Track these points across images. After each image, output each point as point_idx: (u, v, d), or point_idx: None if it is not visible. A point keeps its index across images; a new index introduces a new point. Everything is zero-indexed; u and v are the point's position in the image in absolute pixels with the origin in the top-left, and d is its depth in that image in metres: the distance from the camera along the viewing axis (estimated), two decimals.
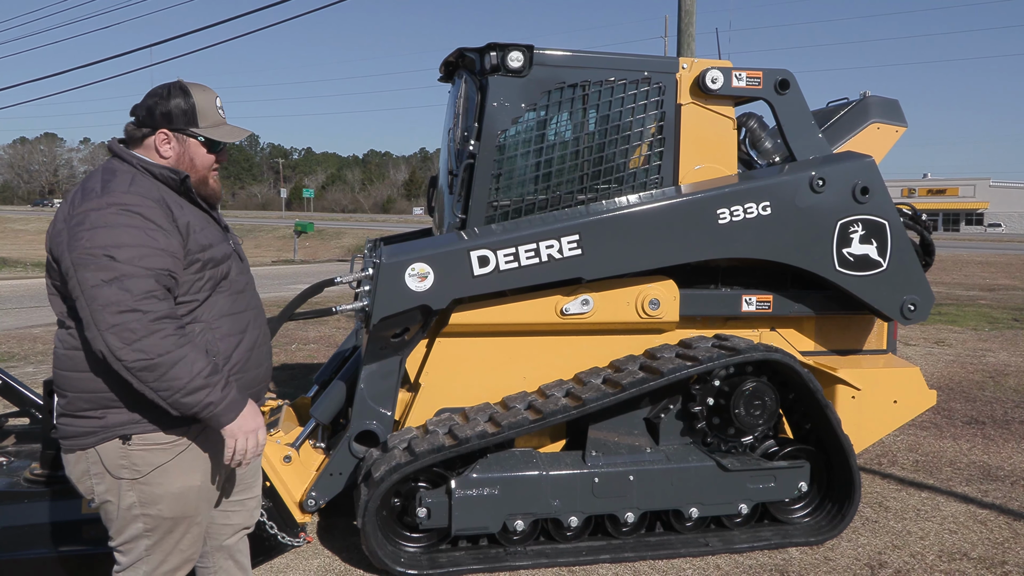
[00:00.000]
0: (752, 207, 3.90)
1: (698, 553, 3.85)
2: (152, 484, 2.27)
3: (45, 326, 10.99)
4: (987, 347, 9.64)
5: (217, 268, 2.34)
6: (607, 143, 4.04)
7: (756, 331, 4.30)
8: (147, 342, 2.06)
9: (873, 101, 4.71)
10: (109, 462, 2.25)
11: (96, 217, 2.12)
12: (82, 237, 2.11)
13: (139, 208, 2.16)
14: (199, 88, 2.38)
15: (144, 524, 2.30)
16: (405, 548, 3.75)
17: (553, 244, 3.71)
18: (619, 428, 3.92)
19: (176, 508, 2.32)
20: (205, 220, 2.38)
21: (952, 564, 3.79)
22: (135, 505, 2.28)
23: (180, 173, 2.31)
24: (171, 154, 2.34)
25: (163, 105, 2.32)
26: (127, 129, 2.38)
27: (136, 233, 2.12)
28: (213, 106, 2.39)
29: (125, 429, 2.23)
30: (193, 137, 2.35)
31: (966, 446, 5.66)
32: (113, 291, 2.05)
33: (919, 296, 4.15)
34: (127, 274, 2.07)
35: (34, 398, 4.31)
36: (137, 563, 2.35)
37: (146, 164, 2.29)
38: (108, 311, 2.04)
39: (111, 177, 2.23)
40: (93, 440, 2.24)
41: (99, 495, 2.29)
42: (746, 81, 4.12)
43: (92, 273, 2.07)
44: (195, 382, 2.11)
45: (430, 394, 3.94)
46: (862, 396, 4.15)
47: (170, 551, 2.36)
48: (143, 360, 2.06)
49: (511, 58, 3.86)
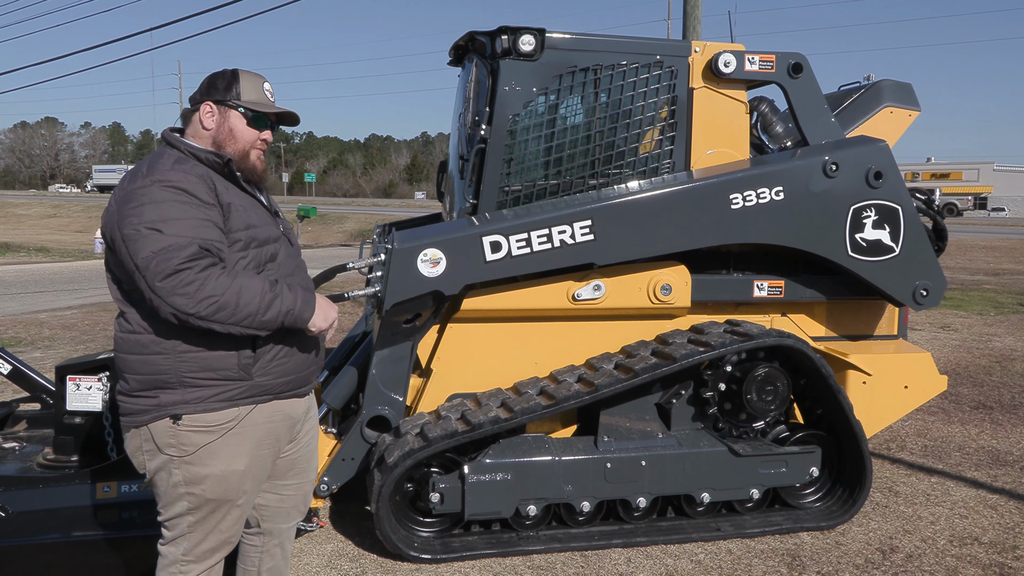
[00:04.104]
0: (765, 192, 3.88)
1: (710, 538, 3.86)
2: (197, 464, 2.35)
3: (51, 311, 11.01)
4: (993, 332, 9.63)
5: (262, 249, 2.40)
6: (619, 127, 4.01)
7: (767, 316, 4.29)
8: (206, 289, 2.16)
9: (886, 85, 4.67)
10: (159, 439, 2.34)
11: (142, 194, 2.23)
12: (130, 214, 2.21)
13: (182, 183, 2.26)
14: (249, 72, 2.51)
15: (188, 502, 2.38)
16: (418, 533, 3.76)
17: (565, 229, 3.69)
18: (631, 413, 3.92)
19: (219, 490, 2.38)
20: (250, 202, 2.45)
21: (963, 549, 3.80)
22: (180, 483, 2.37)
23: (224, 157, 2.41)
24: (212, 125, 2.44)
25: (211, 81, 2.46)
26: (183, 111, 2.52)
27: (180, 207, 2.22)
28: (260, 88, 2.50)
29: (176, 409, 2.31)
30: (234, 108, 2.45)
31: (974, 431, 5.66)
32: (162, 259, 2.15)
33: (932, 281, 4.14)
34: (174, 245, 2.16)
35: (44, 383, 4.31)
36: (179, 539, 2.43)
37: (192, 149, 2.40)
38: (161, 276, 2.14)
39: (157, 159, 2.34)
40: (147, 418, 2.33)
41: (150, 470, 2.40)
42: (759, 65, 4.09)
43: (142, 245, 2.17)
44: (264, 299, 2.25)
45: (442, 380, 3.94)
46: (873, 381, 4.15)
47: (210, 531, 2.43)
48: (211, 304, 2.17)
49: (523, 41, 3.83)
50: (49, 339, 8.89)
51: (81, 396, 3.72)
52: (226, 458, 2.37)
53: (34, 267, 18.73)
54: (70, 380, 3.72)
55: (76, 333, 9.24)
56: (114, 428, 3.71)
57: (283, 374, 2.43)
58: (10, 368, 4.27)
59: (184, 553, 2.43)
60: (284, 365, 2.43)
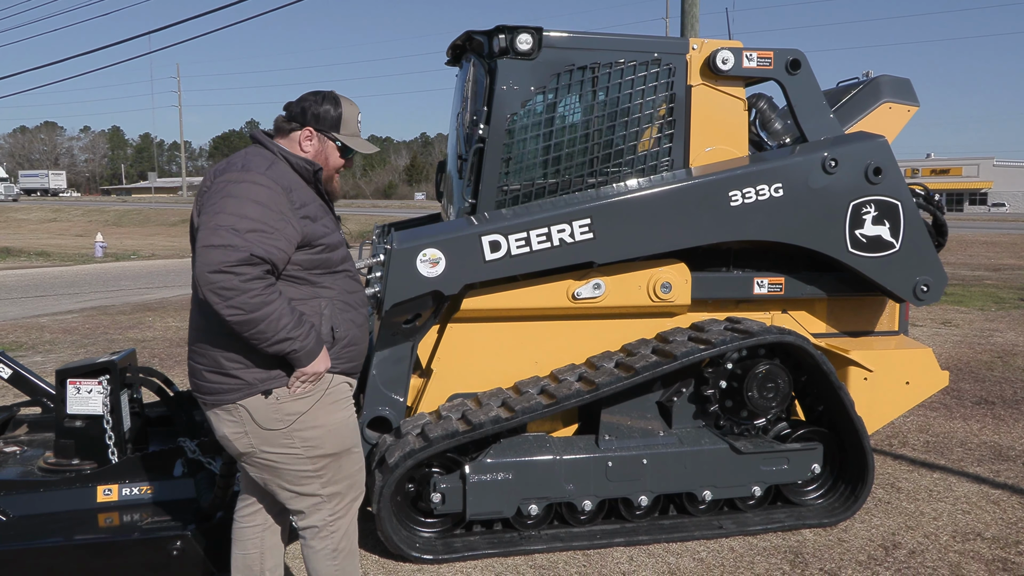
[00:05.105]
0: (764, 189, 3.87)
1: (712, 535, 3.85)
2: (305, 428, 2.54)
3: (52, 315, 11.02)
4: (994, 327, 9.63)
5: (334, 252, 2.60)
6: (617, 125, 4.01)
7: (768, 313, 4.28)
8: (239, 300, 2.30)
9: (885, 80, 4.66)
10: (259, 416, 2.50)
11: (231, 188, 2.39)
12: (214, 203, 2.38)
13: (269, 188, 2.41)
14: (347, 102, 2.69)
15: (313, 465, 2.58)
16: (420, 533, 3.76)
17: (565, 228, 3.69)
18: (632, 412, 3.91)
19: (336, 442, 2.61)
20: (324, 210, 2.63)
21: (966, 544, 3.79)
22: (300, 452, 2.55)
23: (315, 165, 2.60)
24: (311, 150, 2.64)
25: (315, 108, 2.63)
26: (277, 121, 2.67)
27: (258, 210, 2.36)
28: (355, 119, 2.72)
29: (266, 384, 2.48)
30: (333, 140, 2.67)
31: (976, 427, 5.66)
32: (217, 253, 2.29)
33: (932, 277, 4.13)
34: (234, 244, 2.30)
35: (45, 387, 4.32)
36: (319, 504, 2.63)
37: (285, 153, 2.58)
38: (206, 269, 2.29)
39: (253, 158, 2.51)
40: (237, 396, 2.49)
41: (255, 446, 2.54)
42: (757, 61, 4.08)
43: (208, 234, 2.31)
44: (279, 335, 2.37)
45: (442, 380, 3.94)
46: (874, 378, 4.14)
47: (341, 482, 2.65)
48: (237, 315, 2.31)
49: (520, 40, 3.83)
50: (50, 343, 8.89)
51: (81, 400, 3.72)
52: (329, 413, 2.59)
53: (35, 271, 18.74)
54: (70, 384, 3.72)
55: (77, 337, 9.24)
56: (114, 431, 3.71)
57: (349, 359, 2.67)
58: (11, 372, 4.27)
59: (330, 514, 2.64)
60: (351, 352, 2.66)
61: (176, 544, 3.30)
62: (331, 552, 2.67)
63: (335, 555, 2.68)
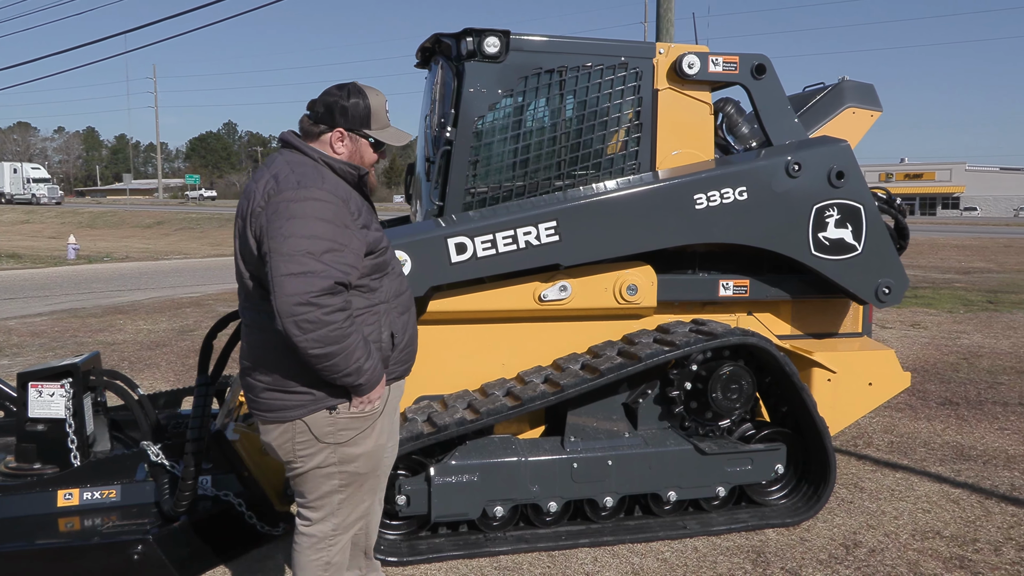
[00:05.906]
0: (729, 192, 3.91)
1: (676, 536, 3.88)
2: (352, 446, 2.56)
3: (20, 318, 10.86)
4: (962, 329, 9.77)
5: (387, 254, 2.62)
6: (584, 129, 4.04)
7: (733, 315, 4.33)
8: (319, 334, 2.28)
9: (848, 86, 4.73)
10: (317, 430, 2.50)
11: (294, 208, 2.32)
12: (281, 227, 2.31)
13: (331, 203, 2.36)
14: (373, 91, 2.59)
15: (340, 480, 2.58)
16: (385, 536, 3.75)
17: (531, 231, 3.71)
18: (597, 413, 3.94)
19: (369, 464, 2.63)
20: (372, 212, 2.62)
21: (925, 542, 3.85)
22: (334, 465, 2.55)
23: (360, 169, 2.56)
24: (344, 151, 2.56)
25: (341, 104, 2.52)
26: (303, 124, 2.58)
27: (327, 228, 2.33)
28: (383, 109, 2.61)
29: (332, 401, 2.48)
30: (365, 137, 2.58)
31: (940, 427, 5.74)
32: (298, 283, 2.26)
33: (893, 279, 4.19)
34: (313, 271, 2.27)
35: (7, 390, 4.26)
36: (329, 516, 2.62)
37: (327, 159, 2.50)
38: (290, 301, 2.25)
39: (302, 169, 2.42)
40: (301, 412, 2.48)
41: (304, 459, 2.53)
42: (723, 66, 4.13)
43: (284, 263, 2.27)
44: (350, 368, 2.37)
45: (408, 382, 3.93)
46: (837, 379, 4.20)
47: (357, 503, 2.66)
48: (316, 348, 2.29)
49: (487, 43, 3.84)
50: (17, 346, 8.77)
51: (43, 403, 3.68)
52: (376, 436, 2.61)
53: (5, 274, 18.44)
54: (32, 387, 3.68)
55: (45, 340, 9.12)
56: (77, 435, 3.67)
57: (403, 361, 2.71)
58: None
59: (334, 528, 2.63)
60: (406, 352, 2.70)
61: (137, 548, 3.27)
62: (324, 564, 2.64)
63: (326, 568, 2.64)
